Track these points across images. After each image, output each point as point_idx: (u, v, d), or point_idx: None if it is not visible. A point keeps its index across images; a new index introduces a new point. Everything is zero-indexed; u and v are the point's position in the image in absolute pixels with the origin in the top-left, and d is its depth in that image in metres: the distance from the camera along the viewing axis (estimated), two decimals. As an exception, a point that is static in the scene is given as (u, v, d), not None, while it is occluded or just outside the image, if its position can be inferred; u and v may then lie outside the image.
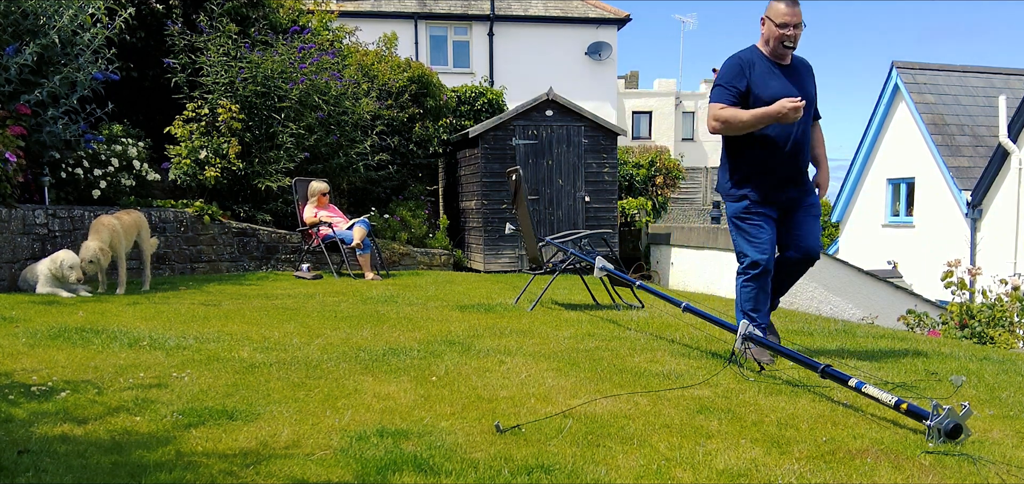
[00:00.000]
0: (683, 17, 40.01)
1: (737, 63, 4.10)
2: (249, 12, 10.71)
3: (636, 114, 28.01)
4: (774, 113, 3.90)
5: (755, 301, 4.18)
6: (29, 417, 2.98)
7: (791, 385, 3.74)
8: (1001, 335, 6.45)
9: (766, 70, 4.09)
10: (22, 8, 7.30)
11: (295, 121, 9.72)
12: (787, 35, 4.03)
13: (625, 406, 3.32)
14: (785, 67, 4.13)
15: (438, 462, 2.60)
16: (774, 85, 4.03)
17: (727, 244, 10.95)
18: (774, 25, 4.04)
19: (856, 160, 17.78)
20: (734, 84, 4.06)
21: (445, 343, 4.64)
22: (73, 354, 4.09)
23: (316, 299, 6.73)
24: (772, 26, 4.05)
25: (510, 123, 11.26)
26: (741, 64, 4.09)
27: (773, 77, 4.07)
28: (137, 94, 9.86)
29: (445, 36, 21.49)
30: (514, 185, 6.69)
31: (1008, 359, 4.64)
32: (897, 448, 2.86)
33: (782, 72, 4.11)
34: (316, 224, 9.00)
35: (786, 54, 4.11)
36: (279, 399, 3.33)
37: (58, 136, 7.42)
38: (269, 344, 4.53)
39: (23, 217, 6.98)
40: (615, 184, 11.75)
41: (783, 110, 3.86)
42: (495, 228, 11.11)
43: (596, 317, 5.92)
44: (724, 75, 4.11)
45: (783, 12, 4.01)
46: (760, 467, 2.64)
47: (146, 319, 5.33)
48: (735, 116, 4.02)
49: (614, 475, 2.55)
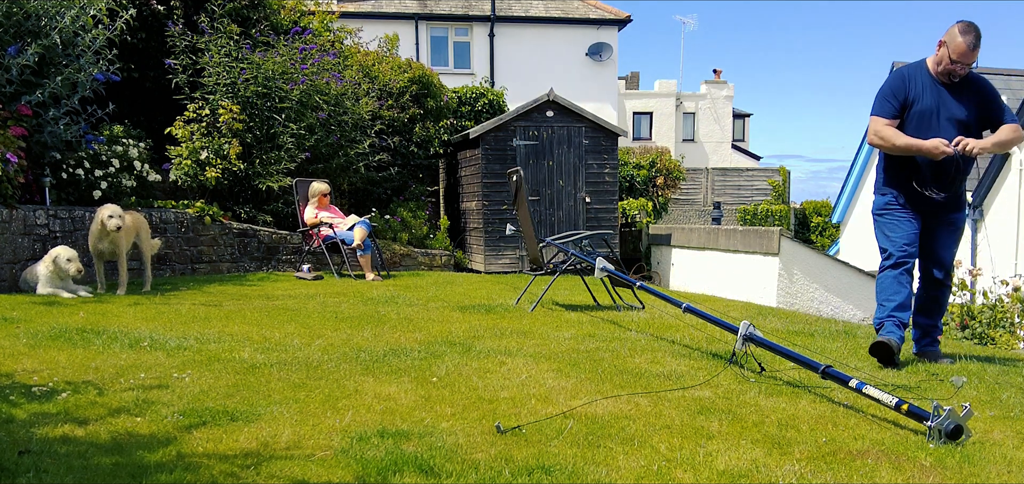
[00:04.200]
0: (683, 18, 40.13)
1: (900, 78, 4.37)
2: (250, 13, 10.72)
3: (637, 115, 28.02)
4: (927, 149, 4.16)
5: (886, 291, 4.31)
6: (30, 418, 2.98)
7: (792, 386, 3.74)
8: (1002, 336, 6.45)
9: (928, 84, 4.31)
10: (24, 9, 7.31)
11: (296, 121, 9.72)
12: (956, 70, 4.22)
13: (626, 407, 3.32)
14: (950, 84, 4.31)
15: (439, 463, 2.60)
16: (928, 100, 4.28)
17: (727, 245, 10.96)
18: (949, 56, 4.20)
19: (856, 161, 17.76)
20: (896, 96, 4.33)
21: (446, 344, 4.64)
22: (74, 355, 4.09)
23: (317, 300, 6.73)
24: (947, 55, 4.22)
25: (511, 124, 11.26)
26: (904, 79, 4.35)
27: (931, 93, 4.30)
28: (138, 95, 9.87)
29: (446, 37, 21.50)
30: (515, 186, 6.69)
31: (1009, 360, 4.64)
32: (898, 449, 2.86)
33: (945, 88, 4.30)
34: (317, 225, 9.00)
35: (951, 80, 4.29)
36: (280, 400, 3.33)
37: (59, 137, 7.43)
38: (270, 345, 4.53)
39: (24, 218, 6.99)
40: (616, 185, 11.75)
41: (935, 150, 4.13)
42: (496, 229, 11.11)
43: (597, 318, 5.92)
44: (887, 87, 4.38)
45: (963, 50, 4.16)
46: (761, 468, 2.63)
47: (147, 320, 5.33)
48: (891, 138, 4.29)
49: (615, 476, 2.55)
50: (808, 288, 10.04)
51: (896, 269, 4.27)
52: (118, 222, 6.43)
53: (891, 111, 4.31)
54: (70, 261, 6.33)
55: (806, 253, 10.42)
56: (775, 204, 21.78)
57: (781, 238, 9.90)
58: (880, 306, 4.31)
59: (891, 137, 4.28)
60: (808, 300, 9.95)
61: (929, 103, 4.26)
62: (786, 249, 9.90)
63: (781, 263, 9.87)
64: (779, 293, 9.80)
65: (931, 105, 4.25)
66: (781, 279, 9.87)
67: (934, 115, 4.25)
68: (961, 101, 4.26)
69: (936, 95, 4.27)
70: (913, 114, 4.28)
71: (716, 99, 29.41)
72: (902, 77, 4.36)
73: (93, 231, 6.59)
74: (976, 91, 4.31)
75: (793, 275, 9.90)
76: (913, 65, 4.40)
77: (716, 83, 29.59)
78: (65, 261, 6.32)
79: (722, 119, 29.54)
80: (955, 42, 4.15)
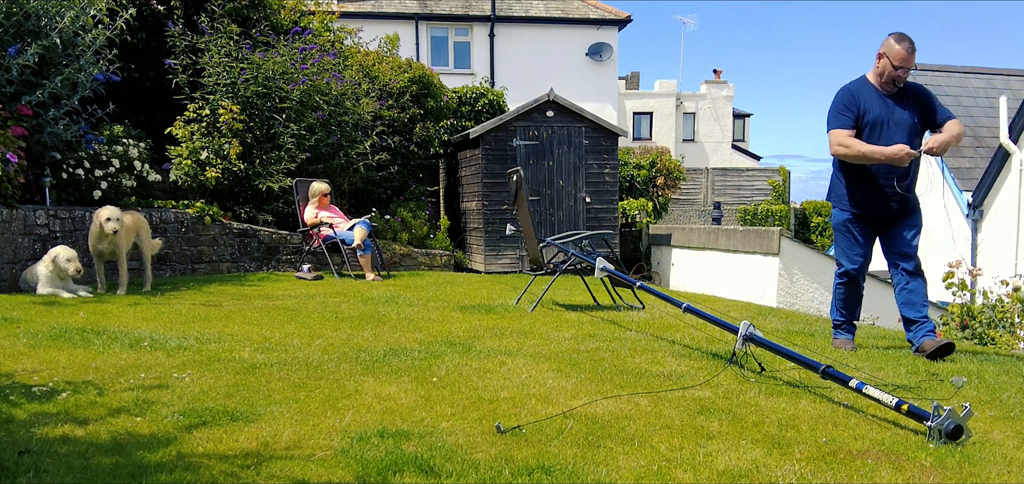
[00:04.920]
0: (684, 18, 40.11)
1: (849, 93, 4.65)
2: (250, 13, 10.72)
3: (637, 115, 28.01)
4: (890, 154, 4.43)
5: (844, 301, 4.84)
6: (30, 418, 2.99)
7: (792, 386, 3.74)
8: (1002, 336, 6.44)
9: (874, 96, 4.61)
10: (24, 9, 7.31)
11: (296, 122, 9.72)
12: (900, 76, 4.53)
13: (626, 407, 3.32)
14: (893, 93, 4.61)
15: (439, 463, 2.60)
16: (876, 111, 4.57)
17: (727, 245, 10.96)
18: (891, 65, 4.51)
19: (857, 161, 17.79)
20: (850, 108, 4.60)
21: (446, 344, 4.64)
22: (74, 355, 4.09)
23: (317, 300, 6.73)
24: (889, 64, 4.52)
25: (511, 124, 11.26)
26: (853, 94, 4.63)
27: (878, 104, 4.58)
28: (138, 95, 9.87)
29: (446, 37, 21.49)
30: (515, 186, 6.69)
31: (1009, 360, 4.64)
32: (898, 449, 2.85)
33: (889, 97, 4.61)
34: (317, 225, 9.01)
35: (894, 89, 4.60)
36: (280, 400, 3.33)
37: (59, 137, 7.43)
38: (270, 345, 4.53)
39: (24, 218, 6.99)
40: (616, 185, 11.75)
41: (898, 154, 4.40)
42: (496, 229, 11.11)
43: (597, 318, 5.92)
44: (840, 102, 4.64)
45: (903, 56, 4.48)
46: (761, 468, 2.63)
47: (147, 320, 5.33)
48: (855, 146, 4.54)
49: (615, 476, 2.55)
50: (808, 288, 10.04)
51: (848, 284, 4.77)
52: (115, 225, 6.43)
53: (848, 123, 4.58)
54: (70, 261, 6.33)
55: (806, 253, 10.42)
56: (775, 204, 21.77)
57: (781, 238, 9.90)
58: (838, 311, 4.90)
59: (855, 145, 4.54)
60: (808, 300, 9.96)
61: (879, 113, 4.56)
62: (786, 249, 9.90)
63: (781, 263, 9.87)
64: (779, 293, 9.81)
65: (881, 115, 4.55)
66: (781, 279, 9.87)
67: (885, 123, 4.55)
68: (905, 107, 4.59)
69: (883, 105, 4.58)
70: (866, 124, 4.58)
71: (716, 99, 29.41)
72: (851, 92, 4.64)
73: (93, 231, 6.60)
74: (915, 97, 4.66)
75: (793, 275, 9.90)
76: (856, 81, 4.71)
77: (716, 83, 29.58)
78: (65, 261, 6.32)
79: (722, 119, 29.53)
80: (894, 50, 4.48)
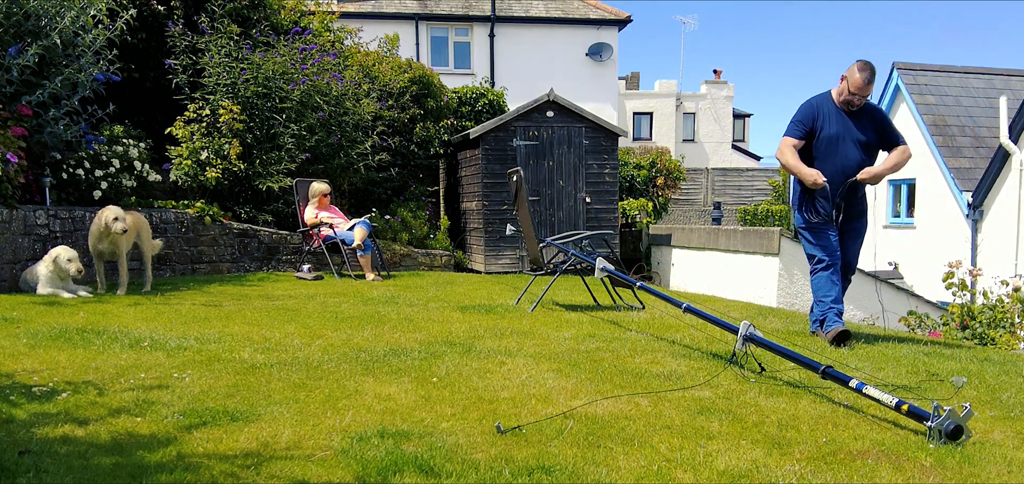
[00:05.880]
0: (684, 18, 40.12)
1: (810, 107, 5.05)
2: (250, 13, 10.72)
3: (637, 115, 28.02)
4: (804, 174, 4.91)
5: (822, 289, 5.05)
6: (30, 418, 2.99)
7: (792, 386, 3.74)
8: (1002, 336, 6.44)
9: (833, 113, 5.00)
10: (24, 9, 7.31)
11: (296, 122, 9.72)
12: (854, 101, 4.94)
13: (626, 407, 3.32)
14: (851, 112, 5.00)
15: (439, 463, 2.60)
16: (834, 127, 4.96)
17: (727, 245, 10.96)
18: (849, 89, 4.91)
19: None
20: (804, 123, 5.02)
21: (446, 344, 4.64)
22: (74, 355, 4.09)
23: (317, 300, 6.73)
24: (847, 88, 4.93)
25: (511, 124, 11.26)
26: (813, 108, 5.04)
27: (836, 120, 4.98)
28: (138, 95, 9.87)
29: (446, 37, 21.49)
30: (515, 186, 6.69)
31: (1009, 360, 4.64)
32: (898, 449, 2.86)
33: (848, 115, 4.99)
34: (317, 225, 9.00)
35: (850, 110, 4.99)
36: (280, 400, 3.33)
37: (59, 137, 7.43)
38: (270, 345, 4.53)
39: (24, 218, 6.99)
40: (616, 185, 11.75)
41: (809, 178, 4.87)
42: (496, 229, 11.11)
43: (597, 318, 5.92)
44: (800, 114, 5.06)
45: (860, 84, 4.87)
46: (761, 468, 2.64)
47: (147, 320, 5.33)
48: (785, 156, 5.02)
49: (615, 476, 2.55)
50: (808, 288, 10.03)
51: (827, 270, 5.01)
52: (123, 225, 6.44)
53: (798, 134, 5.01)
54: (70, 261, 6.33)
55: (806, 253, 10.39)
56: (775, 204, 21.78)
57: (781, 238, 9.90)
58: (819, 303, 5.05)
59: (789, 157, 4.99)
60: (808, 300, 9.94)
61: (836, 129, 4.95)
62: (786, 249, 9.90)
63: (781, 263, 9.87)
64: (779, 293, 9.81)
65: (838, 131, 4.95)
66: (781, 279, 9.87)
67: (841, 139, 4.93)
68: (862, 126, 4.97)
69: (841, 122, 4.97)
70: (822, 138, 4.96)
71: (716, 99, 29.41)
72: (812, 107, 5.05)
73: (93, 231, 6.59)
74: (872, 117, 5.04)
75: (793, 275, 9.90)
76: (821, 96, 5.10)
77: (716, 83, 29.59)
78: (65, 261, 6.32)
79: (722, 119, 29.54)
80: (854, 78, 4.87)
